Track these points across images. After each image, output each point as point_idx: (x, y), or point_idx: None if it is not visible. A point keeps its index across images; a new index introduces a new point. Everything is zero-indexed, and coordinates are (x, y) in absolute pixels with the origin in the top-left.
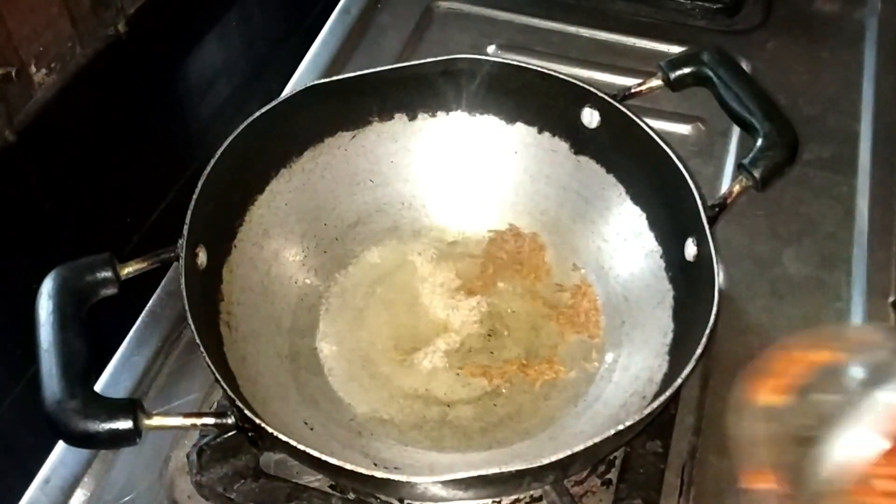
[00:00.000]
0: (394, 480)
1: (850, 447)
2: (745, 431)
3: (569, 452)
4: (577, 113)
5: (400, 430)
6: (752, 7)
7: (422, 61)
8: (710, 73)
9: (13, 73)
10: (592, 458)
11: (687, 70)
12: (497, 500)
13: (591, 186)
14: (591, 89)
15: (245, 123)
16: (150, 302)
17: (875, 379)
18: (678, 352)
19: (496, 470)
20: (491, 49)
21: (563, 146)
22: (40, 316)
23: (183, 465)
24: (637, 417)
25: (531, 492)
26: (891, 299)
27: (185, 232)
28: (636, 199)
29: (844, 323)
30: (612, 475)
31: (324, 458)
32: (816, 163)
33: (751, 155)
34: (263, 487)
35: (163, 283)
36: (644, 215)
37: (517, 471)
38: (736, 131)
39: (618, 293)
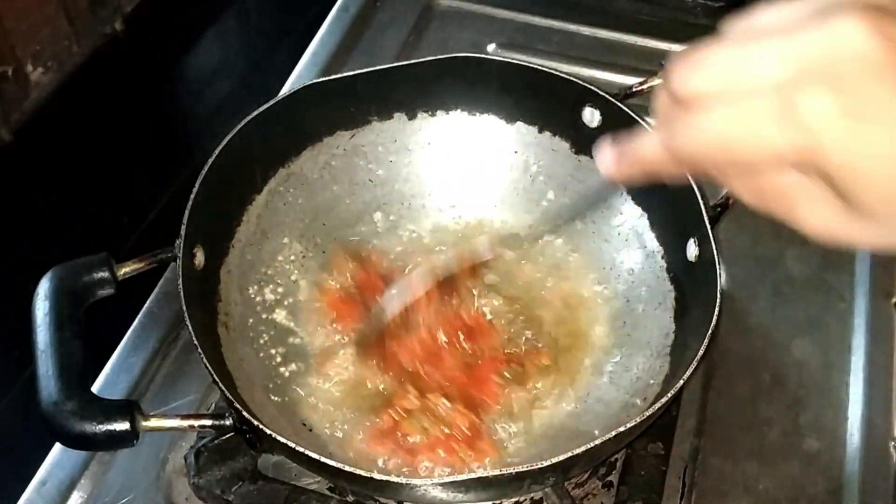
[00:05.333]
0: (393, 482)
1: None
2: None
3: (569, 454)
4: (577, 112)
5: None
6: (754, 6)
7: (421, 60)
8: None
9: (9, 72)
10: (593, 460)
11: None
12: (497, 502)
13: (593, 186)
14: (593, 88)
15: (243, 122)
16: (148, 302)
17: None
18: (680, 353)
19: (496, 472)
20: (491, 47)
21: (563, 145)
22: (37, 316)
23: (180, 467)
24: (638, 419)
25: (532, 494)
26: (894, 300)
27: (183, 232)
28: (637, 199)
29: (847, 324)
30: (613, 477)
31: (322, 459)
32: None
33: None
34: (261, 490)
35: (160, 283)
36: (645, 215)
37: (517, 473)
38: None
39: (619, 294)
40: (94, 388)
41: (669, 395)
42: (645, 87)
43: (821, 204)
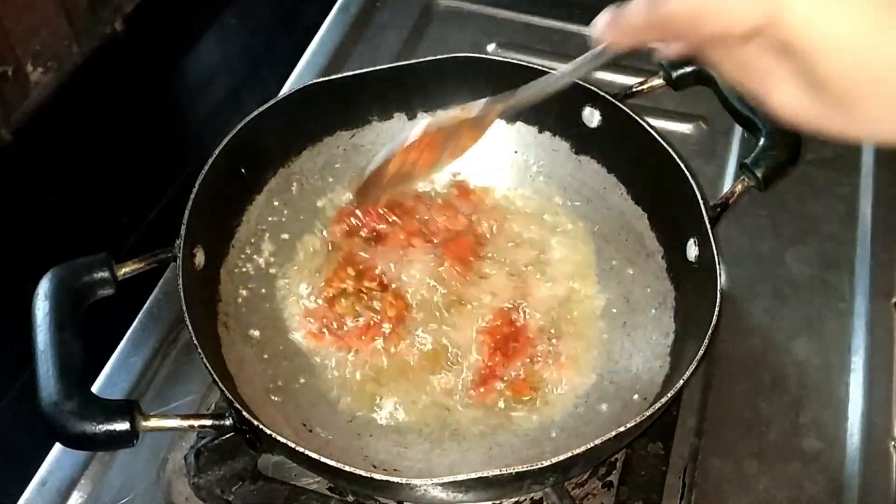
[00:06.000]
0: (393, 482)
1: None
2: None
3: (570, 454)
4: (577, 112)
5: (399, 431)
6: None
7: (421, 60)
8: (712, 72)
9: (9, 72)
10: (593, 459)
11: (689, 69)
12: (497, 502)
13: (592, 186)
14: (593, 88)
15: (243, 123)
16: (148, 302)
17: None
18: (680, 353)
19: (496, 472)
20: (491, 47)
21: (563, 146)
22: (37, 317)
23: (180, 467)
24: (638, 419)
25: (532, 494)
26: (894, 300)
27: (183, 232)
28: (637, 199)
29: (846, 324)
30: (614, 477)
31: (322, 459)
32: (819, 162)
33: (753, 154)
34: (261, 489)
35: (160, 283)
36: (645, 215)
37: (518, 473)
38: (738, 130)
39: (619, 294)
40: (94, 388)
41: (669, 395)
42: (645, 87)
43: (791, 84)
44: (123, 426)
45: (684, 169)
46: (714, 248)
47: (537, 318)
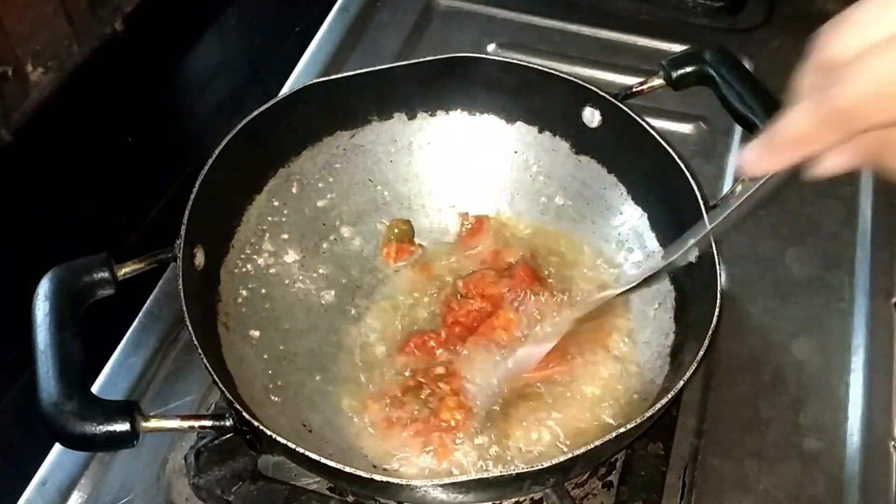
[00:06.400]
0: (393, 483)
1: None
2: None
3: (570, 455)
4: (577, 112)
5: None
6: (755, 5)
7: (421, 60)
8: (712, 72)
9: (9, 72)
10: (593, 460)
11: (689, 69)
12: (497, 503)
13: (592, 186)
14: (593, 88)
15: (243, 123)
16: (148, 303)
17: None
18: (680, 353)
19: (497, 473)
20: (491, 47)
21: (563, 146)
22: (37, 317)
23: (180, 468)
24: (638, 420)
25: (532, 495)
26: (894, 300)
27: (183, 232)
28: (637, 199)
29: (846, 324)
30: (614, 477)
31: (322, 460)
32: None
33: None
34: (261, 490)
35: (160, 283)
36: (645, 215)
37: (518, 473)
38: (738, 130)
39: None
40: (94, 388)
41: (669, 395)
42: (645, 87)
43: None
44: (123, 427)
45: (684, 169)
46: (714, 248)
47: None
